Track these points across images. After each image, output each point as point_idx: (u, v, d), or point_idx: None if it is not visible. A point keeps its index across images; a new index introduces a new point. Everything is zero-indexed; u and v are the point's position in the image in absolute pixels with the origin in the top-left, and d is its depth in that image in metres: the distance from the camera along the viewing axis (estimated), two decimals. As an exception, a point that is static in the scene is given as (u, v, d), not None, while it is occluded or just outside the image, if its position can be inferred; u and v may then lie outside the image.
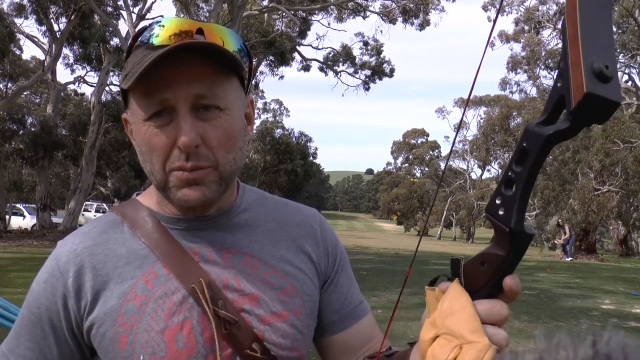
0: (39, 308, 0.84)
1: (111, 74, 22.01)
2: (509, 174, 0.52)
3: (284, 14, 20.79)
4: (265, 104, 45.18)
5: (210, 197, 0.81)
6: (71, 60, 22.14)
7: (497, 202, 0.53)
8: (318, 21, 25.21)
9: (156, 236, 0.86)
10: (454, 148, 47.13)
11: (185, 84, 0.77)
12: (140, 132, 0.81)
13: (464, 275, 0.57)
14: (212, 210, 0.88)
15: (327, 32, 71.51)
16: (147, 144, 0.80)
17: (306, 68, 27.18)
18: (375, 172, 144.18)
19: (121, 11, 19.37)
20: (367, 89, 27.08)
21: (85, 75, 23.68)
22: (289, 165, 37.06)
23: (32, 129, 20.15)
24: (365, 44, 27.01)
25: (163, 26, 0.79)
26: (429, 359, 0.56)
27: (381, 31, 67.15)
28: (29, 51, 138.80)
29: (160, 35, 0.78)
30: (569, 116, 0.47)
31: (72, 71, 22.81)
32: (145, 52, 0.78)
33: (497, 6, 28.27)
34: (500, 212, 0.52)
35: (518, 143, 0.51)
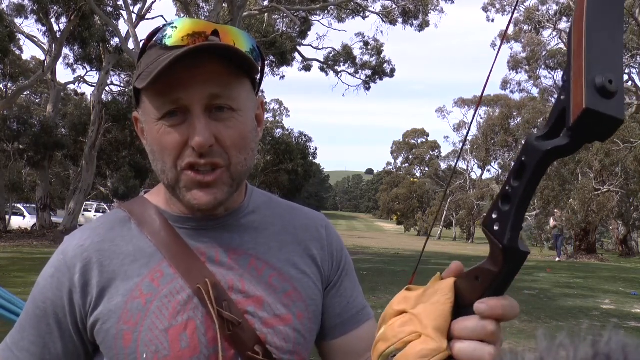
0: (44, 302, 0.84)
1: (111, 73, 22.02)
2: (507, 188, 0.50)
3: (284, 14, 20.79)
4: (265, 103, 45.08)
5: (221, 200, 0.82)
6: (71, 60, 22.15)
7: (494, 216, 0.51)
8: (318, 21, 25.20)
9: (163, 235, 0.86)
10: (454, 148, 47.18)
11: (199, 85, 0.77)
12: (153, 131, 0.81)
13: (459, 289, 0.56)
14: (221, 210, 0.88)
15: (327, 32, 71.36)
16: (159, 143, 0.80)
17: (307, 68, 27.17)
18: (375, 172, 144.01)
19: (121, 11, 19.36)
20: (368, 88, 27.06)
21: (85, 75, 23.70)
22: (289, 165, 37.05)
23: (33, 129, 20.15)
24: (366, 44, 27.00)
25: (176, 27, 0.79)
26: (387, 328, 0.57)
27: (381, 32, 67.06)
28: (29, 51, 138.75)
29: (173, 36, 0.78)
30: (568, 132, 0.45)
31: (74, 71, 22.81)
32: (159, 52, 0.79)
33: (500, 9, 28.23)
34: (496, 227, 0.51)
35: (517, 156, 0.50)
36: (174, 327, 0.80)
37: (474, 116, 0.99)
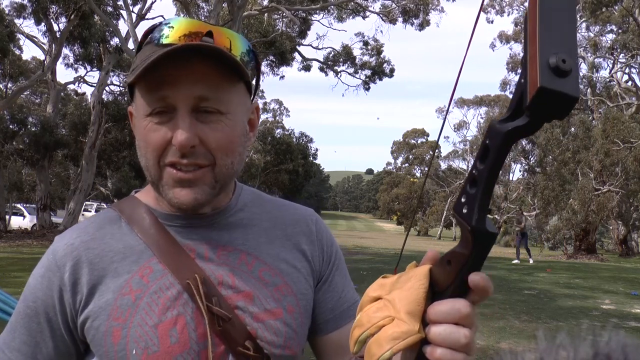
0: (35, 302, 0.85)
1: (111, 74, 22.01)
2: (473, 171, 0.51)
3: (284, 14, 20.79)
4: (265, 104, 45.21)
5: (201, 201, 0.82)
6: (71, 60, 22.15)
7: (462, 200, 0.52)
8: (318, 21, 25.19)
9: (153, 232, 0.86)
10: (454, 148, 47.19)
11: (188, 85, 0.77)
12: (141, 127, 0.82)
13: (434, 275, 0.56)
14: (207, 209, 0.88)
15: (327, 32, 71.60)
16: (145, 139, 0.81)
17: (307, 68, 27.17)
18: (375, 172, 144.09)
19: (121, 11, 19.37)
20: (367, 89, 27.06)
21: (85, 75, 23.70)
22: (289, 165, 37.09)
23: (33, 129, 20.15)
24: (366, 44, 27.00)
25: (172, 27, 0.80)
26: (362, 314, 0.58)
27: (381, 31, 67.22)
28: (29, 51, 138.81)
29: (169, 36, 0.79)
30: (526, 112, 0.46)
31: (76, 71, 22.80)
32: (154, 49, 0.79)
33: (499, 10, 28.24)
34: (464, 211, 0.52)
35: (482, 140, 0.51)
36: (163, 323, 0.80)
37: (443, 122, 0.99)
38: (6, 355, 0.85)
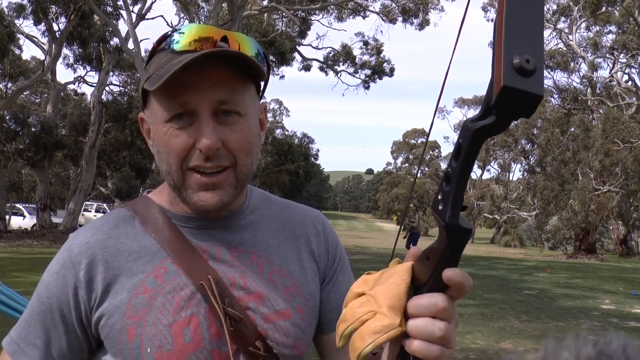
0: (49, 298, 0.86)
1: (111, 74, 22.01)
2: (448, 169, 0.53)
3: (283, 13, 20.79)
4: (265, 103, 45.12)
5: (227, 201, 0.84)
6: (71, 60, 22.12)
7: (439, 197, 0.54)
8: (318, 21, 25.21)
9: (166, 233, 0.88)
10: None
11: (208, 90, 0.79)
12: (160, 133, 0.83)
13: (415, 271, 0.58)
14: (224, 211, 0.90)
15: (327, 32, 71.66)
16: (165, 145, 0.82)
17: (306, 68, 27.18)
18: (375, 172, 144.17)
19: (121, 11, 19.35)
20: (367, 88, 27.08)
21: (85, 75, 23.69)
22: (290, 166, 37.12)
23: (33, 129, 20.15)
24: (365, 43, 27.01)
25: (183, 33, 0.82)
26: (346, 309, 0.60)
27: (381, 31, 67.28)
28: (29, 51, 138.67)
29: (181, 42, 0.81)
30: (492, 110, 0.48)
31: (75, 71, 22.77)
32: (169, 55, 0.81)
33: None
34: (440, 207, 0.53)
35: (457, 139, 0.52)
36: (177, 322, 0.82)
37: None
38: (21, 349, 0.87)
